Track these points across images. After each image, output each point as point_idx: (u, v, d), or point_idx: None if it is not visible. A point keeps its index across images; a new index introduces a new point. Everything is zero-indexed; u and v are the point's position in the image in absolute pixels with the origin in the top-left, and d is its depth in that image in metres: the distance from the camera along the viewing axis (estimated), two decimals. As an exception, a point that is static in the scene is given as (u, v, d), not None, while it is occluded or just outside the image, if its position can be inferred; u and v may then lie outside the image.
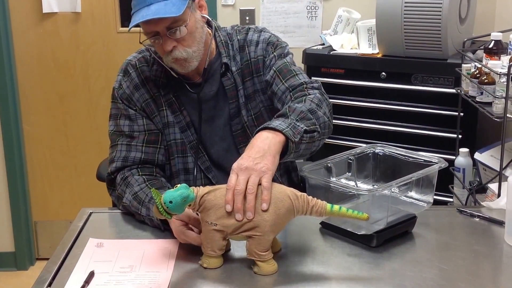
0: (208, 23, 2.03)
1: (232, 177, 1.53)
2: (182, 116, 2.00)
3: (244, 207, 1.50)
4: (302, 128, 1.68)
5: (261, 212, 1.49)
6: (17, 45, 3.54)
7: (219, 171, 2.04)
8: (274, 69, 1.97)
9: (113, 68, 3.50)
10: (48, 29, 3.53)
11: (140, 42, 1.91)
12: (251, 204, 1.49)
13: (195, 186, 1.54)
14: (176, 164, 2.01)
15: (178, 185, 1.50)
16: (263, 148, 1.59)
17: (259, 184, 1.52)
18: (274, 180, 2.04)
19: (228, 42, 2.04)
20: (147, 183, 1.87)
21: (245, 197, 1.50)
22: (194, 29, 1.88)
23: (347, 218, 1.54)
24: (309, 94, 1.86)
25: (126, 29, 3.45)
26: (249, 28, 2.07)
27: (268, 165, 1.56)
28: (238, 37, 2.05)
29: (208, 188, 1.54)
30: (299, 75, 1.96)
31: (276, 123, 1.66)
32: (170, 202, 1.46)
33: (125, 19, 3.52)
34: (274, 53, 2.01)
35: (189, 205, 1.51)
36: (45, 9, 3.46)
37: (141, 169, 1.93)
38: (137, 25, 1.84)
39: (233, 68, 2.01)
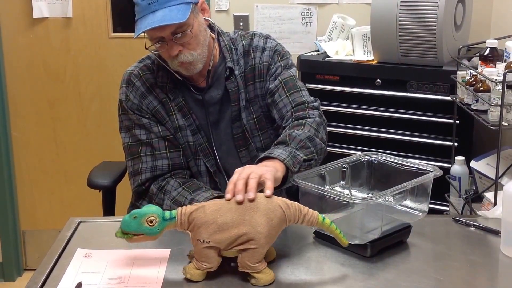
0: (211, 27, 2.06)
1: (235, 175, 1.57)
2: (192, 119, 2.02)
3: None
4: (301, 157, 1.77)
5: (255, 225, 1.46)
6: (6, 50, 3.49)
7: (222, 175, 2.06)
8: (280, 79, 2.03)
9: (104, 74, 3.50)
10: (38, 34, 3.48)
11: (146, 48, 1.93)
12: (252, 186, 1.51)
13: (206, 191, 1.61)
14: (191, 167, 2.04)
15: None
16: (263, 167, 1.66)
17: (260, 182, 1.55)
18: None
19: (232, 46, 2.07)
20: (183, 186, 1.93)
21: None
22: (198, 32, 1.91)
23: (333, 234, 1.55)
24: (309, 117, 1.93)
25: (118, 34, 3.47)
26: (254, 34, 2.11)
27: (269, 169, 1.62)
28: (243, 42, 2.08)
29: (196, 205, 1.51)
30: (302, 92, 2.03)
31: (277, 152, 1.73)
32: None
33: (117, 24, 3.48)
34: (281, 63, 2.06)
35: (175, 225, 1.49)
36: (36, 14, 3.42)
37: (174, 176, 1.98)
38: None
39: (236, 72, 2.04)
